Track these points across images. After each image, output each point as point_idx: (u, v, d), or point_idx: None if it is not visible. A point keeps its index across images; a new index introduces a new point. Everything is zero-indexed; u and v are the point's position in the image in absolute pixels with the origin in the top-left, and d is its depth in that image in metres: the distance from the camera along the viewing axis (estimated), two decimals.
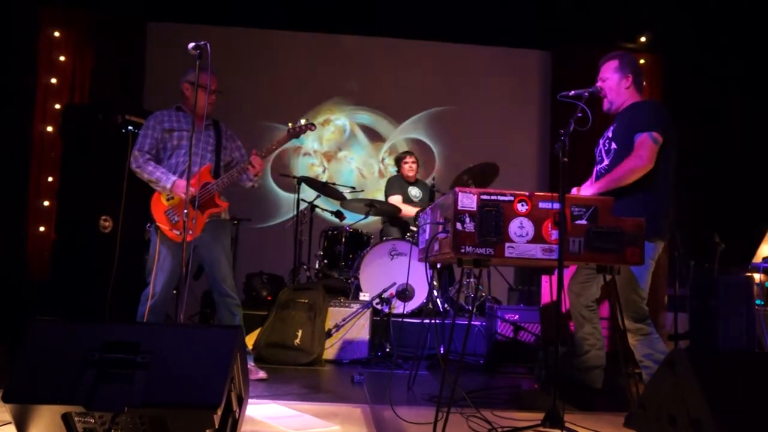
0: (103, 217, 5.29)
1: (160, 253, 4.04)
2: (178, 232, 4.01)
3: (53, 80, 7.13)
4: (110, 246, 5.25)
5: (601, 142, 3.85)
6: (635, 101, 3.78)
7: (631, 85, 3.78)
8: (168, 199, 4.05)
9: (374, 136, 8.32)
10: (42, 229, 6.85)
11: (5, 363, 4.40)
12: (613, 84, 3.77)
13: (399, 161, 6.82)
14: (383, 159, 8.32)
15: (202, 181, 4.04)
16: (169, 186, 4.02)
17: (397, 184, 6.75)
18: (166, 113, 4.23)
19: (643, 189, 3.55)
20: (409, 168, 6.68)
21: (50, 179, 6.92)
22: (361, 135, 8.31)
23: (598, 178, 3.79)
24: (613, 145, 3.72)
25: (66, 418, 2.33)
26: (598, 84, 3.82)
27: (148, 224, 4.14)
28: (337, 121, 8.29)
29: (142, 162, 4.09)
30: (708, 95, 7.28)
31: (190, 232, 4.03)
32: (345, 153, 8.28)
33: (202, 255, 4.15)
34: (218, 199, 4.11)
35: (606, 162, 3.75)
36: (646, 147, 3.52)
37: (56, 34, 7.16)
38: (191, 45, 3.56)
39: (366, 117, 8.32)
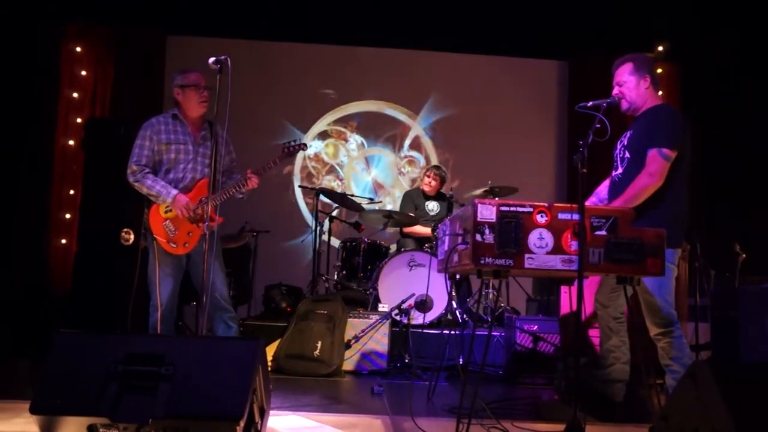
0: (125, 230, 5.34)
1: (161, 264, 4.04)
2: (174, 245, 4.02)
3: (75, 94, 7.22)
4: (132, 258, 5.29)
5: (618, 146, 3.83)
6: (654, 105, 3.73)
7: (650, 85, 3.73)
8: (166, 211, 4.04)
9: (390, 146, 8.34)
10: (64, 241, 6.93)
11: (30, 374, 4.46)
12: (632, 86, 3.72)
13: (424, 174, 6.86)
14: (401, 170, 8.33)
15: (199, 196, 4.05)
16: (170, 200, 4.00)
17: (411, 200, 6.76)
18: (162, 121, 4.16)
19: (655, 201, 3.54)
20: (427, 183, 6.70)
21: (72, 192, 7.00)
22: (377, 146, 8.33)
23: (612, 185, 3.78)
24: (627, 154, 3.71)
25: (91, 429, 2.36)
26: (615, 89, 3.78)
27: (143, 231, 4.12)
28: (353, 133, 8.32)
29: (140, 176, 4.05)
30: (725, 104, 7.24)
31: (186, 245, 4.05)
32: (362, 165, 8.31)
33: (198, 265, 4.09)
34: (214, 214, 4.00)
35: (620, 170, 3.74)
36: (656, 164, 3.50)
37: (78, 49, 7.26)
38: (212, 59, 3.57)
39: (382, 128, 8.34)
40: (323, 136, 8.29)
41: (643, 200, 3.51)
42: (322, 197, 6.57)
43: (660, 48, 7.78)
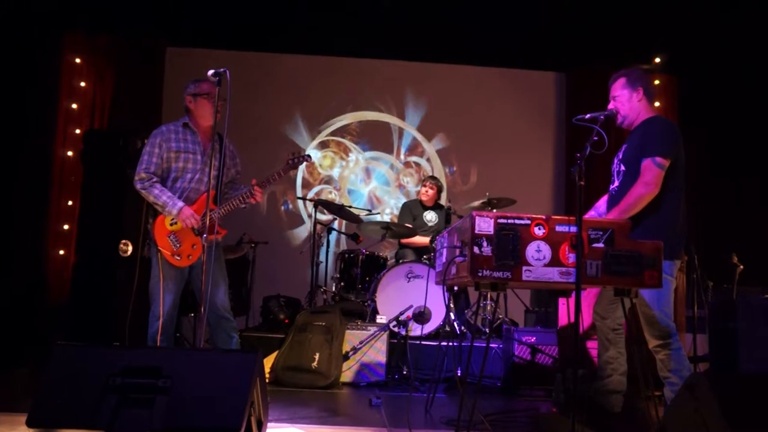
0: (123, 241, 5.34)
1: (164, 276, 4.03)
2: (178, 258, 4.01)
3: (74, 105, 7.22)
4: (130, 269, 5.30)
5: (615, 160, 3.86)
6: (647, 117, 3.75)
7: (643, 97, 3.76)
8: (172, 224, 4.03)
9: (389, 158, 8.35)
10: (62, 252, 6.92)
11: (27, 386, 4.45)
12: (625, 99, 3.76)
13: (421, 185, 6.88)
14: (400, 183, 8.34)
15: (203, 209, 4.02)
16: (175, 212, 3.99)
17: (409, 210, 6.78)
18: (173, 129, 4.16)
19: (651, 211, 3.55)
20: (425, 193, 6.72)
21: (70, 203, 6.99)
22: (375, 158, 8.34)
23: (610, 198, 3.80)
24: (622, 168, 3.74)
25: None
26: (611, 102, 3.82)
27: (147, 242, 4.11)
28: (353, 144, 8.34)
29: (148, 185, 4.03)
30: (723, 116, 7.27)
31: (189, 257, 4.04)
32: (360, 176, 8.31)
33: (200, 275, 4.09)
34: (218, 227, 4.01)
35: (617, 183, 3.77)
36: (650, 173, 3.52)
37: (77, 60, 7.27)
38: (211, 72, 3.59)
39: (381, 140, 8.36)
40: (322, 146, 8.29)
41: (640, 210, 3.52)
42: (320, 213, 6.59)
43: (657, 60, 7.81)
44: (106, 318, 5.40)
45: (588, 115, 3.65)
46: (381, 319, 5.47)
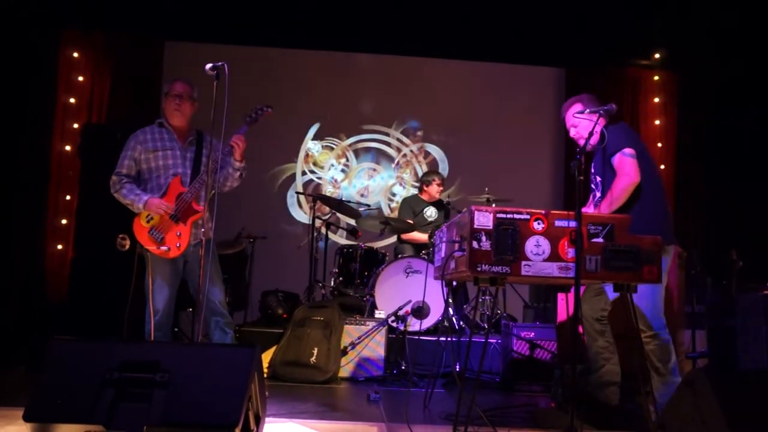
0: (121, 236, 5.32)
1: (154, 274, 4.02)
2: (167, 248, 3.99)
3: (72, 100, 7.21)
4: (128, 264, 5.28)
5: (591, 177, 3.94)
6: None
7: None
8: (148, 221, 4.02)
9: (388, 154, 8.34)
10: (60, 247, 6.92)
11: (24, 382, 4.44)
12: (583, 127, 3.82)
13: (427, 181, 6.73)
14: (401, 180, 8.33)
15: (176, 193, 4.02)
16: (141, 206, 3.99)
17: (410, 206, 6.74)
18: (148, 131, 4.20)
19: (638, 202, 3.60)
20: (437, 190, 6.65)
21: (68, 197, 6.99)
22: (373, 154, 8.33)
23: (596, 205, 3.84)
24: (598, 179, 3.82)
25: None
26: (570, 131, 3.90)
27: (138, 244, 4.08)
28: (350, 140, 8.32)
29: (119, 187, 4.07)
30: (722, 112, 7.26)
31: (179, 245, 4.00)
32: (358, 172, 8.30)
33: (194, 271, 4.07)
34: (195, 205, 4.00)
35: (598, 193, 3.83)
36: (625, 164, 3.59)
37: (75, 54, 7.26)
38: (209, 66, 3.57)
39: (380, 134, 8.34)
40: (321, 140, 8.27)
41: (626, 199, 3.58)
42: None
43: (657, 56, 7.80)
44: (105, 313, 5.39)
45: (587, 111, 3.66)
46: (379, 314, 5.46)
